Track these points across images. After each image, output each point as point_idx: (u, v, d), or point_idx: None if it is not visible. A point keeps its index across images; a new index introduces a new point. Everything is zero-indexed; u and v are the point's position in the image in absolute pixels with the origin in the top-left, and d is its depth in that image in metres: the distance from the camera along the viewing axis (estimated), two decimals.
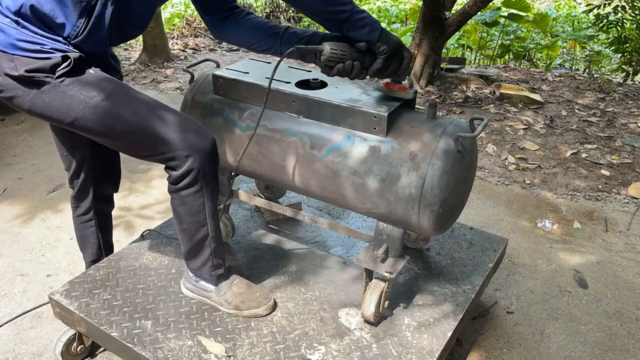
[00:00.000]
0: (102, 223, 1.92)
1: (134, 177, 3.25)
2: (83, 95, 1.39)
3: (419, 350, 1.56)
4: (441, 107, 4.47)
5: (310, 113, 1.64)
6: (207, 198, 1.55)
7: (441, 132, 1.51)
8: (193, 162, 1.47)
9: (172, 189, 1.54)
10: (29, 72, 1.35)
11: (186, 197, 1.53)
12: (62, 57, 1.36)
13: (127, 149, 1.52)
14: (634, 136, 3.97)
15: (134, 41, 6.84)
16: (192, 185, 1.51)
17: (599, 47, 6.82)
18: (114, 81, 1.46)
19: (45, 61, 1.35)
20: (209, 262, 1.65)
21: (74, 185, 1.81)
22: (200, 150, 1.47)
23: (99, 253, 1.95)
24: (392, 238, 1.63)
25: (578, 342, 2.04)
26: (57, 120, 1.43)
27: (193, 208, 1.55)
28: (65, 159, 1.77)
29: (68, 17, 1.37)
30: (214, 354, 1.54)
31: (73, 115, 1.40)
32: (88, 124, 1.42)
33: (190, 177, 1.49)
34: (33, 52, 1.35)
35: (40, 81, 1.37)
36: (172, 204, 1.58)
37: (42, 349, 1.95)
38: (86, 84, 1.40)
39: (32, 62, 1.35)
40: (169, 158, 1.47)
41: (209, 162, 1.50)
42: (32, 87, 1.38)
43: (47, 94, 1.38)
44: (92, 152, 1.73)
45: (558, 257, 2.55)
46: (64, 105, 1.39)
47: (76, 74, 1.39)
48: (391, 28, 8.63)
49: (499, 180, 3.29)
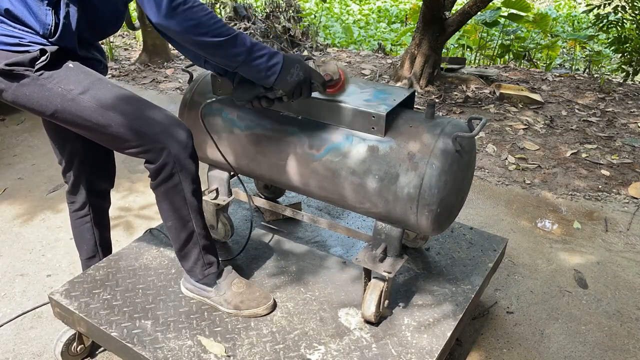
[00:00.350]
0: (98, 219, 1.92)
1: (133, 177, 3.25)
2: (61, 88, 1.42)
3: (419, 350, 1.56)
4: (441, 107, 4.47)
5: (308, 113, 1.64)
6: (187, 192, 1.55)
7: (439, 131, 1.51)
8: (167, 156, 1.48)
9: (152, 185, 1.55)
10: (9, 66, 1.38)
11: (166, 193, 1.54)
12: (40, 51, 1.39)
13: (106, 141, 1.53)
14: (634, 136, 3.97)
15: (134, 41, 6.85)
16: (169, 179, 1.51)
17: (599, 47, 6.82)
18: (92, 75, 1.48)
19: (24, 55, 1.38)
20: (200, 260, 1.65)
21: (67, 178, 1.83)
22: (174, 144, 1.48)
23: (95, 250, 1.95)
24: (390, 238, 1.63)
25: (578, 342, 2.04)
26: (38, 112, 1.46)
27: (174, 203, 1.56)
28: (57, 152, 1.80)
29: (38, 18, 1.39)
30: (213, 353, 1.54)
31: (52, 107, 1.43)
32: (67, 116, 1.44)
33: (167, 170, 1.50)
34: (12, 45, 1.38)
35: (19, 74, 1.40)
36: (156, 201, 1.59)
37: (42, 349, 1.95)
38: (64, 78, 1.43)
39: (11, 56, 1.38)
40: (145, 150, 1.48)
41: (184, 154, 1.50)
42: (13, 80, 1.41)
43: (27, 87, 1.41)
44: (83, 145, 1.75)
45: (558, 257, 2.55)
46: (43, 98, 1.42)
47: (54, 67, 1.42)
48: (391, 28, 8.64)
49: (499, 180, 3.29)
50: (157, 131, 1.47)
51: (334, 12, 9.63)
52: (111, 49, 6.13)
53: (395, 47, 7.54)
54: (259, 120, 1.71)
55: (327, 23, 8.56)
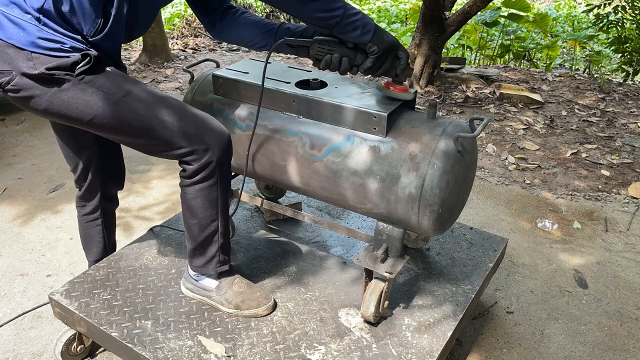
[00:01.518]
0: (108, 222, 1.92)
1: (133, 177, 3.25)
2: (103, 92, 1.40)
3: (419, 351, 1.56)
4: (441, 107, 4.47)
5: (310, 113, 1.64)
6: (220, 193, 1.56)
7: (441, 132, 1.51)
8: (212, 156, 1.49)
9: (186, 183, 1.55)
10: (50, 70, 1.35)
11: (202, 191, 1.54)
12: (82, 55, 1.37)
13: (145, 145, 1.52)
14: (634, 136, 3.98)
15: (134, 41, 6.85)
16: (209, 179, 1.52)
17: (599, 47, 6.82)
18: (130, 79, 1.49)
19: (66, 59, 1.36)
20: (216, 257, 1.66)
21: (81, 185, 1.81)
22: (218, 144, 1.50)
23: (104, 252, 1.95)
24: (392, 238, 1.63)
25: (578, 342, 2.04)
26: (74, 119, 1.43)
27: (207, 202, 1.56)
28: (70, 160, 1.76)
29: (87, 15, 1.37)
30: (214, 354, 1.54)
31: (92, 112, 1.41)
32: (107, 120, 1.43)
33: (208, 170, 1.51)
34: (53, 50, 1.35)
35: (60, 79, 1.37)
36: (184, 198, 1.59)
37: (42, 349, 1.95)
38: (105, 81, 1.41)
39: (52, 61, 1.35)
40: (187, 152, 1.49)
41: (225, 156, 1.53)
42: (52, 86, 1.38)
43: (66, 92, 1.39)
44: (99, 151, 1.74)
45: (558, 257, 2.55)
46: (83, 103, 1.40)
47: (95, 72, 1.40)
48: (391, 28, 8.64)
49: (499, 180, 3.29)
50: (201, 132, 1.48)
51: None
52: None
53: None
54: (260, 121, 1.71)
55: None
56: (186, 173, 1.53)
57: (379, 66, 1.53)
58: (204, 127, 1.49)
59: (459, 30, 5.19)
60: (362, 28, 1.45)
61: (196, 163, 1.50)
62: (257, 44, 1.67)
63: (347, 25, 1.44)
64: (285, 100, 1.66)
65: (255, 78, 1.72)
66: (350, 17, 1.44)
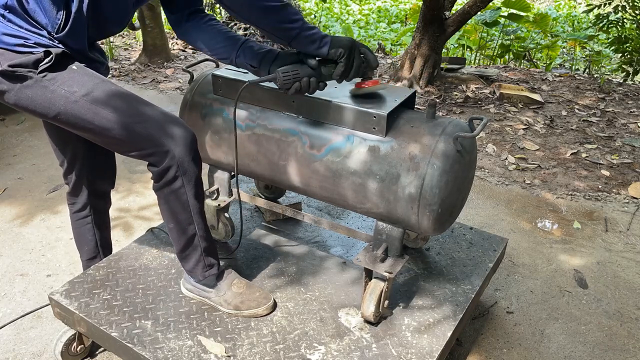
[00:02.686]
0: (99, 220, 1.92)
1: (133, 177, 3.25)
2: (64, 90, 1.41)
3: (419, 351, 1.56)
4: (441, 107, 4.47)
5: (309, 113, 1.64)
6: (190, 195, 1.55)
7: (440, 132, 1.51)
8: (172, 158, 1.48)
9: (155, 187, 1.55)
10: (12, 67, 1.36)
11: (169, 195, 1.54)
12: (45, 52, 1.38)
13: (110, 144, 1.53)
14: (634, 136, 3.97)
15: (134, 41, 6.84)
16: (172, 182, 1.51)
17: (599, 47, 6.82)
18: (96, 77, 1.47)
19: (28, 56, 1.37)
20: (201, 262, 1.65)
21: (68, 180, 1.83)
22: (178, 146, 1.48)
23: (96, 251, 1.95)
24: (391, 238, 1.63)
25: (578, 342, 2.04)
26: (40, 115, 1.45)
27: (177, 206, 1.55)
28: (58, 154, 1.78)
29: (48, 10, 1.38)
30: (213, 354, 1.54)
31: (55, 110, 1.42)
32: (70, 119, 1.43)
33: (171, 173, 1.49)
34: (16, 46, 1.36)
35: (22, 76, 1.38)
36: (158, 202, 1.59)
37: (42, 349, 1.95)
38: (67, 79, 1.41)
39: (15, 57, 1.36)
40: (149, 154, 1.48)
41: (188, 157, 1.50)
42: (16, 82, 1.39)
43: (30, 89, 1.40)
44: (85, 147, 1.74)
45: (558, 257, 2.55)
46: (46, 100, 1.41)
47: (58, 69, 1.41)
48: (391, 28, 8.64)
49: (499, 180, 3.29)
50: (161, 134, 1.46)
51: (334, 12, 9.63)
52: (111, 49, 6.13)
53: (395, 47, 7.54)
54: (259, 121, 1.71)
55: (327, 23, 8.56)
56: (153, 177, 1.53)
57: (351, 66, 1.52)
58: (164, 129, 1.47)
59: (459, 30, 5.19)
60: (319, 41, 1.48)
61: (159, 165, 1.49)
62: (218, 54, 1.65)
63: (305, 37, 1.48)
64: (284, 100, 1.66)
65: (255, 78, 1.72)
66: (307, 30, 1.48)
